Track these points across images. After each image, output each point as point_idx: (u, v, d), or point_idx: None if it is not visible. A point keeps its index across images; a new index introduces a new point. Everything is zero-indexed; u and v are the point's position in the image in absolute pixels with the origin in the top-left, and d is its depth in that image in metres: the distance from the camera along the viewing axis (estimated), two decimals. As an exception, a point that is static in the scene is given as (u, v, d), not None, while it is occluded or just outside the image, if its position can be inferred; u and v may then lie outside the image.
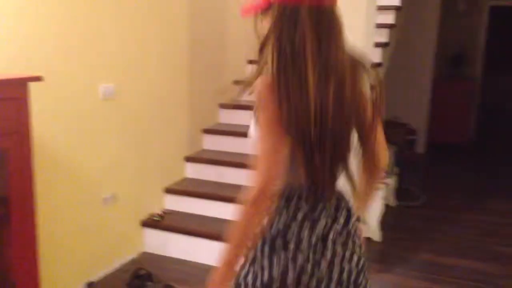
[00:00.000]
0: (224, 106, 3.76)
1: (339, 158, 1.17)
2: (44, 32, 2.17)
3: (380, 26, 3.42)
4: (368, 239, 3.21)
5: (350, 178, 1.20)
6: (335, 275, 1.18)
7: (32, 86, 1.73)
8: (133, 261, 2.88)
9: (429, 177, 4.91)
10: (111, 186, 2.69)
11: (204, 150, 3.56)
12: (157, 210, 3.09)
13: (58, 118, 2.29)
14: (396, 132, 4.84)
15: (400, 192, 3.99)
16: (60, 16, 2.24)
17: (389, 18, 3.80)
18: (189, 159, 3.39)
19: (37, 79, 1.71)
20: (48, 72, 2.10)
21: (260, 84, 1.12)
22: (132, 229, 2.94)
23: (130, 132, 2.79)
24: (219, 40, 3.74)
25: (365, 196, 1.34)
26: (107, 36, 2.55)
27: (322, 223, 1.19)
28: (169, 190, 3.19)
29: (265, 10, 1.13)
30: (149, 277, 2.59)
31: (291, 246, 1.17)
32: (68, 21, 2.29)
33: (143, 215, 3.00)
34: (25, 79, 1.69)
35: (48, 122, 2.22)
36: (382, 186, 3.27)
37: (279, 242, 1.18)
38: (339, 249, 1.19)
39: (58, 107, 2.28)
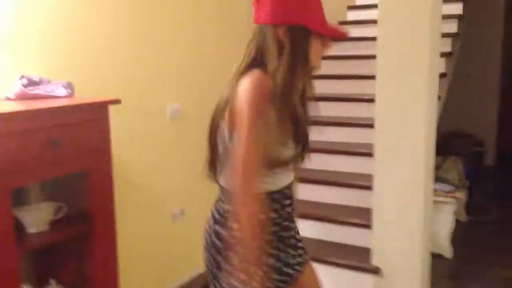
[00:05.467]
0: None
1: None
2: (119, 58, 2.32)
3: (443, 35, 3.34)
4: (439, 256, 3.09)
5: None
6: None
7: (110, 108, 1.85)
8: (201, 276, 2.93)
9: (500, 190, 4.66)
10: (180, 202, 2.78)
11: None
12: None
13: (131, 138, 2.42)
14: (462, 143, 4.66)
15: (471, 206, 3.81)
16: (133, 42, 2.39)
17: (452, 27, 3.71)
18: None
19: (117, 102, 1.82)
20: (122, 94, 2.23)
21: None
22: (200, 244, 3.01)
23: (197, 150, 2.88)
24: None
25: None
26: (174, 58, 2.67)
27: None
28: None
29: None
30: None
31: None
32: (139, 47, 2.43)
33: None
34: (106, 102, 1.80)
35: (122, 142, 2.35)
36: (452, 200, 3.15)
37: None
38: None
39: (130, 127, 2.41)
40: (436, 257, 2.85)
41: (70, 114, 1.70)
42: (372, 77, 2.46)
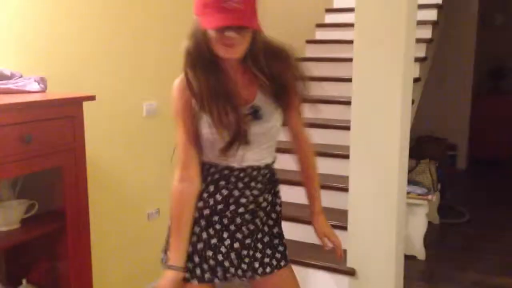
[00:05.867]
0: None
1: None
2: (94, 53, 2.28)
3: (417, 41, 3.41)
4: (413, 258, 3.14)
5: None
6: None
7: (84, 104, 1.82)
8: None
9: (472, 193, 4.78)
10: (156, 201, 2.75)
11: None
12: None
13: (105, 135, 2.38)
14: (435, 147, 4.75)
15: (443, 209, 3.89)
16: (107, 38, 2.36)
17: (426, 33, 3.79)
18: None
19: (91, 98, 1.80)
20: (97, 91, 2.20)
21: None
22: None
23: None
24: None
25: None
26: (150, 55, 2.65)
27: None
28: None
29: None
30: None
31: None
32: (115, 43, 2.40)
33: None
34: (80, 99, 1.77)
35: (97, 139, 2.31)
36: (424, 202, 3.21)
37: None
38: None
39: (105, 124, 2.38)
40: (409, 259, 2.89)
41: (43, 109, 1.67)
42: (349, 80, 2.49)
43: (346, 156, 2.52)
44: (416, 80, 3.33)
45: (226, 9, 1.19)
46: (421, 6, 2.74)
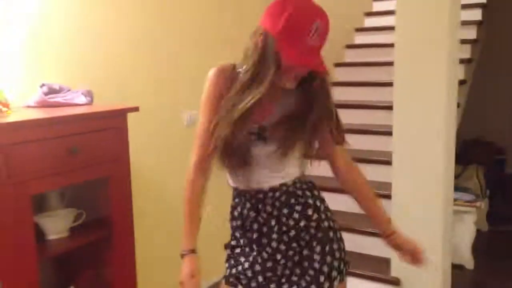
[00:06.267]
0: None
1: None
2: (136, 65, 2.35)
3: (462, 41, 3.30)
4: (460, 267, 3.03)
5: None
6: None
7: (128, 116, 1.87)
8: (216, 284, 2.92)
9: (523, 199, 4.56)
10: (197, 210, 2.78)
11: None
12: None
13: (148, 145, 2.44)
14: (482, 151, 4.57)
15: (492, 216, 3.73)
16: (150, 49, 2.42)
17: (471, 33, 3.66)
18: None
19: (135, 109, 1.84)
20: (140, 102, 2.25)
21: None
22: (217, 252, 3.00)
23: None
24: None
25: None
26: (191, 64, 2.69)
27: None
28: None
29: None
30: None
31: None
32: (155, 54, 2.46)
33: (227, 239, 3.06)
34: (125, 110, 1.82)
35: (140, 149, 2.36)
36: (472, 209, 3.09)
37: None
38: None
39: (148, 134, 2.43)
40: (457, 268, 2.79)
41: (89, 121, 1.73)
42: (390, 84, 2.44)
43: (388, 162, 2.47)
44: (461, 82, 3.22)
45: (309, 47, 1.16)
46: (465, 6, 2.66)
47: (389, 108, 2.50)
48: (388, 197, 2.47)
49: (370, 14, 4.34)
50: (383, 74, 3.33)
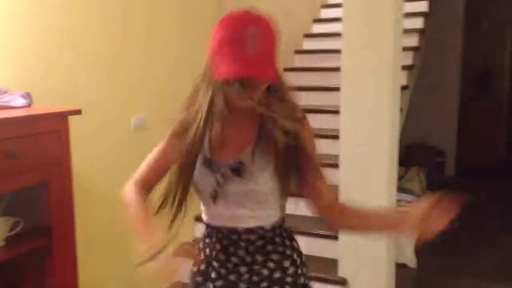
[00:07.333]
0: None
1: None
2: (81, 67, 2.26)
3: (404, 49, 3.44)
4: (404, 266, 3.14)
5: None
6: None
7: (70, 119, 1.79)
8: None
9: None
10: (144, 215, 2.71)
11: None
12: (188, 239, 3.09)
13: (94, 150, 2.35)
14: (424, 154, 4.77)
15: (433, 215, 3.89)
16: (94, 51, 2.34)
17: (413, 41, 3.82)
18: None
19: (77, 112, 1.77)
20: (84, 105, 2.17)
21: None
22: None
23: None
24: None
25: None
26: (138, 67, 2.63)
27: None
28: (200, 219, 3.19)
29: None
30: (183, 306, 2.57)
31: None
32: (101, 56, 2.38)
33: (175, 245, 3.00)
34: (66, 113, 1.75)
35: (84, 154, 2.28)
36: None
37: None
38: None
39: (93, 138, 2.35)
40: (400, 267, 2.89)
41: (28, 124, 1.64)
42: (337, 89, 2.50)
43: (335, 165, 2.52)
44: (404, 88, 3.35)
45: (247, 56, 1.04)
46: (408, 15, 2.77)
47: (336, 112, 2.56)
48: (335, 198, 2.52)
49: (318, 20, 4.44)
50: (331, 79, 3.41)
